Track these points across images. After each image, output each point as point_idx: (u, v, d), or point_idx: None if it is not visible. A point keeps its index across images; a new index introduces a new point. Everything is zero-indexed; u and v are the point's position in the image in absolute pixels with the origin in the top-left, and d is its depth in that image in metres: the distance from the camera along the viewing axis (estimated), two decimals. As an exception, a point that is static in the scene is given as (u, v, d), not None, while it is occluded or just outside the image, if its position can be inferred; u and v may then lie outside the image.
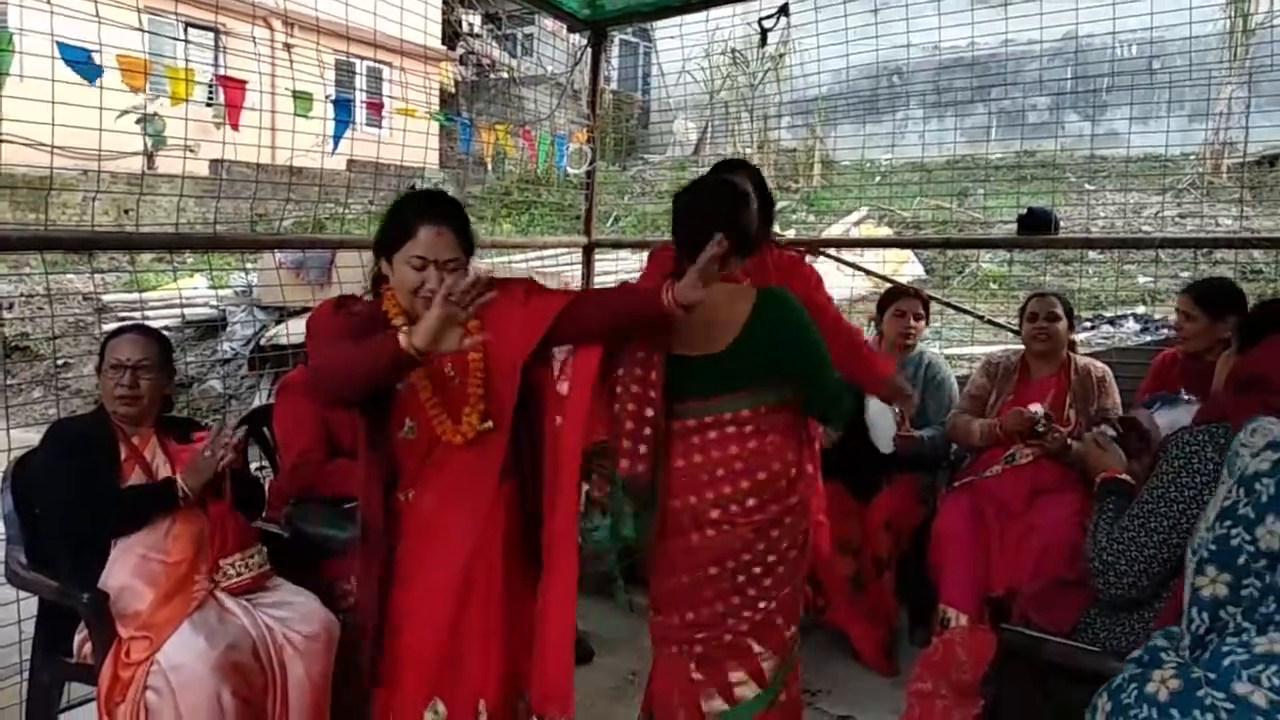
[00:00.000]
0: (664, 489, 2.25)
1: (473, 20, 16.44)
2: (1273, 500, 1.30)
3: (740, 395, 2.23)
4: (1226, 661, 1.21)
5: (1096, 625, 1.97)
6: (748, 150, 10.37)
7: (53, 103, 2.73)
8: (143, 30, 3.15)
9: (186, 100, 3.06)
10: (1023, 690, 1.98)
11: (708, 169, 2.90)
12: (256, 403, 7.04)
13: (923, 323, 3.72)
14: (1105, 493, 2.04)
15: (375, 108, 4.01)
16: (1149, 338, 6.47)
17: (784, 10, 4.29)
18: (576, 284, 5.32)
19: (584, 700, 2.30)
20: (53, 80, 2.70)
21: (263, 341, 7.82)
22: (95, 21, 2.80)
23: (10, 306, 8.51)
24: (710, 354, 2.23)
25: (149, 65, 2.92)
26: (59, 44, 2.67)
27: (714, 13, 4.82)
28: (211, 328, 8.53)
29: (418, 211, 1.97)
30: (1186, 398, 2.63)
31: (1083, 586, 2.01)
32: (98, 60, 2.72)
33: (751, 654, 2.24)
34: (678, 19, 4.96)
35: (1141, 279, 8.00)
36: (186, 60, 3.70)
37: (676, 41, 5.71)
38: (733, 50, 10.14)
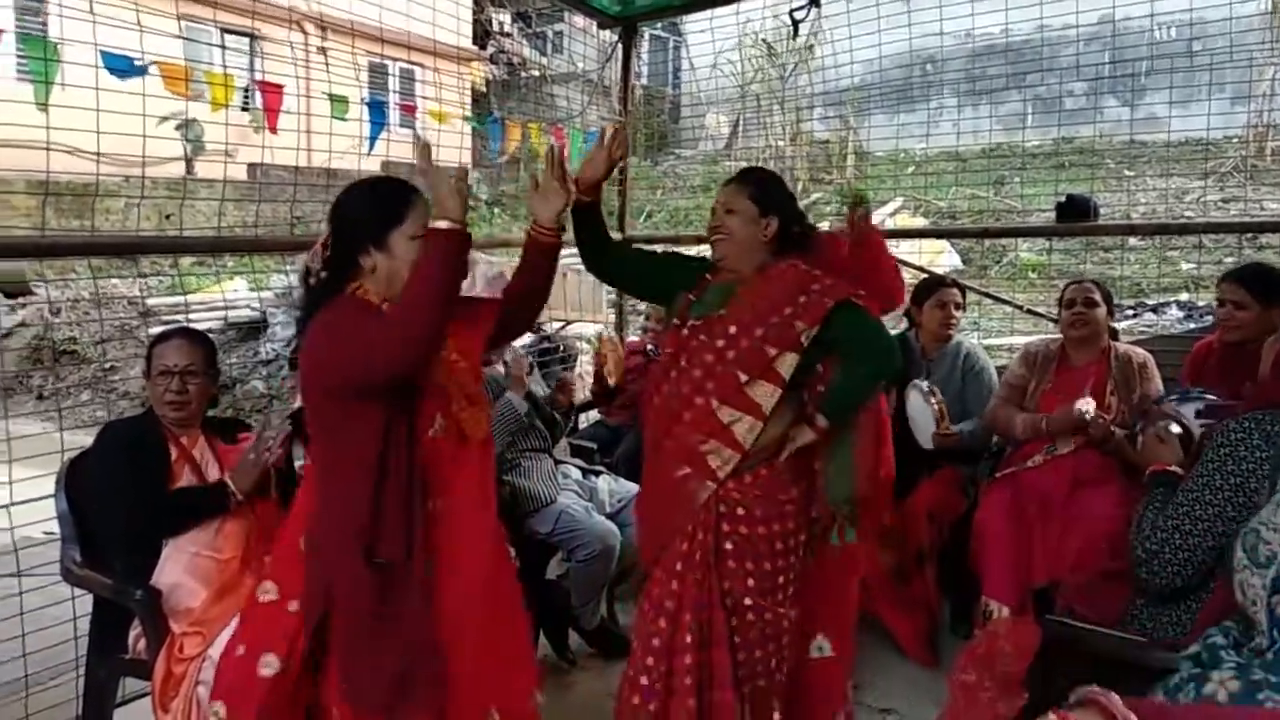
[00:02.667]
0: None
1: (503, 19, 16.50)
2: None
3: None
4: None
5: (1142, 616, 1.95)
6: (780, 142, 10.33)
7: (97, 110, 2.77)
8: (182, 37, 3.20)
9: (226, 105, 3.11)
10: (1068, 682, 1.96)
11: (740, 163, 2.88)
12: (298, 403, 7.13)
13: (961, 312, 3.71)
14: (1155, 484, 2.02)
15: (409, 109, 4.05)
16: (1193, 325, 6.35)
17: (815, 1, 4.26)
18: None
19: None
20: (96, 89, 2.75)
21: (303, 342, 7.94)
22: (136, 30, 2.84)
23: (59, 312, 8.68)
24: None
25: (189, 71, 2.97)
26: (102, 52, 2.72)
27: (744, 5, 4.81)
28: (253, 329, 8.65)
29: (403, 187, 1.94)
30: (1196, 392, 2.56)
31: (1127, 577, 1.99)
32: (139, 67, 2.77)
33: None
34: (708, 12, 4.95)
35: (1184, 265, 7.87)
36: (225, 66, 3.75)
37: (707, 35, 5.69)
38: (763, 42, 10.10)
